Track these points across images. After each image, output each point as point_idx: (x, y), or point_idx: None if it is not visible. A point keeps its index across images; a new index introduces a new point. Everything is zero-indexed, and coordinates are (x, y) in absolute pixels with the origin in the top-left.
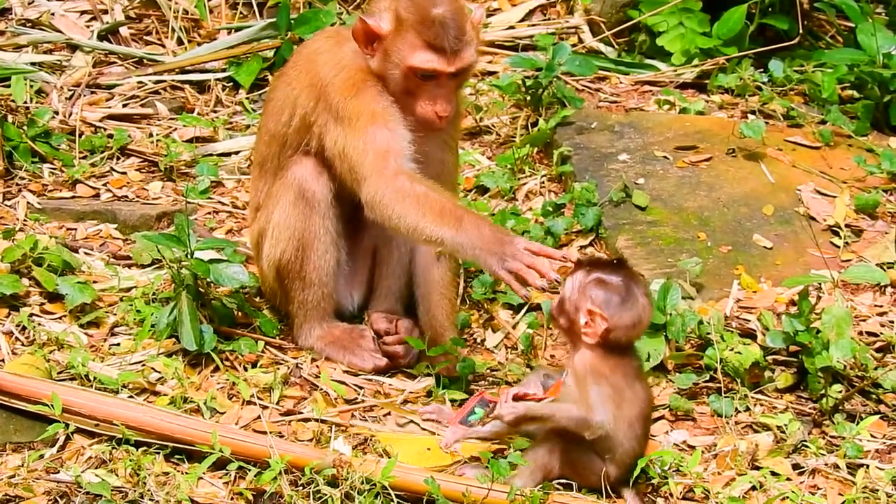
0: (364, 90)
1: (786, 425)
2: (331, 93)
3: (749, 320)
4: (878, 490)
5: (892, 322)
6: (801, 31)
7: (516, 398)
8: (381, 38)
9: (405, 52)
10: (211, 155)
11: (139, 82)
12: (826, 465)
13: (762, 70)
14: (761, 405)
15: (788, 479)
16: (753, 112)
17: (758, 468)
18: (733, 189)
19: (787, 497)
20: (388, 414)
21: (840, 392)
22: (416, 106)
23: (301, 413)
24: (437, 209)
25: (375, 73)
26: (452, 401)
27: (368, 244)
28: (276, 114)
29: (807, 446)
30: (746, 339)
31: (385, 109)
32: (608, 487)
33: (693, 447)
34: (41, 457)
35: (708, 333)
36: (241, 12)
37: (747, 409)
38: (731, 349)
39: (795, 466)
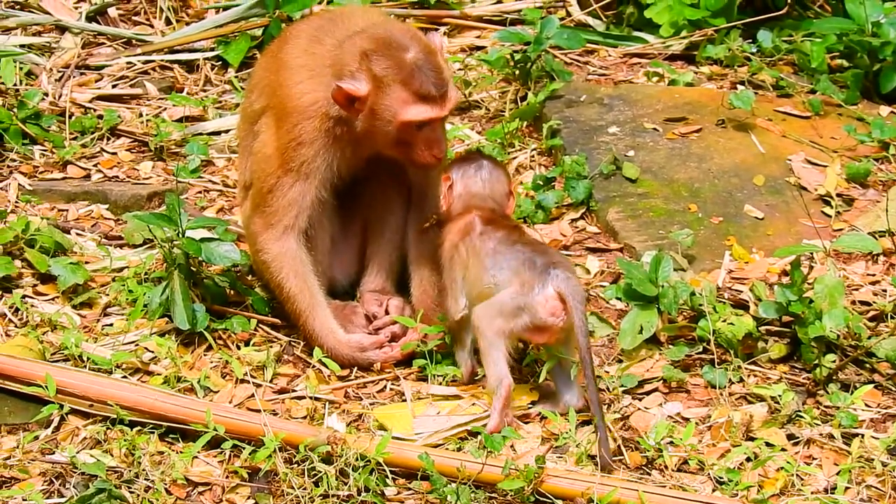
0: (314, 136)
1: (780, 396)
2: (281, 112)
3: (741, 291)
4: (873, 459)
5: (884, 291)
6: (789, 0)
7: None
8: (361, 100)
9: (395, 108)
10: (201, 134)
11: (128, 63)
12: (821, 435)
13: (751, 41)
14: (755, 376)
15: (783, 449)
16: (742, 83)
17: (752, 439)
18: (723, 160)
19: (783, 468)
20: (382, 390)
21: (834, 362)
22: (412, 153)
23: (294, 391)
24: (303, 279)
25: (362, 134)
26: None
27: (359, 220)
28: (247, 92)
29: (801, 416)
30: (739, 309)
31: (317, 166)
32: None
33: (687, 419)
34: (36, 438)
35: (700, 305)
36: None
37: (741, 380)
38: (724, 320)
39: (790, 437)
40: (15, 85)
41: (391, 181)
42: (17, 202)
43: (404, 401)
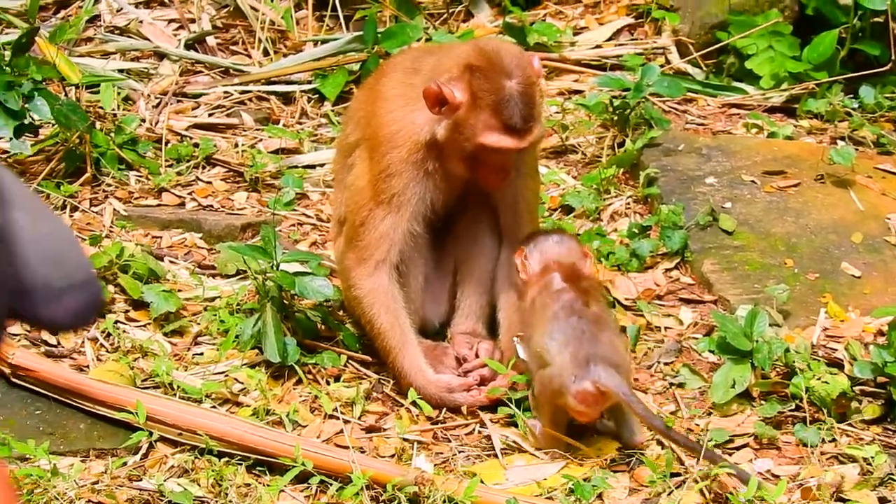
0: (403, 166)
1: (872, 458)
2: (374, 142)
3: (836, 349)
4: None
5: None
6: (892, 57)
7: None
8: (452, 106)
9: (478, 129)
10: (296, 167)
11: (225, 92)
12: None
13: (852, 96)
14: (847, 436)
15: None
16: (843, 138)
17: (843, 500)
18: (821, 216)
19: None
20: (471, 433)
21: None
22: (479, 169)
23: (383, 429)
24: (394, 316)
25: (441, 141)
26: None
27: (451, 260)
28: (343, 125)
29: (893, 480)
30: (833, 368)
31: (408, 198)
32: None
33: (777, 476)
34: (124, 464)
35: (794, 362)
36: (327, 25)
37: (833, 439)
38: (818, 378)
39: (882, 500)
40: (113, 110)
41: (483, 222)
42: (111, 227)
43: (493, 450)
